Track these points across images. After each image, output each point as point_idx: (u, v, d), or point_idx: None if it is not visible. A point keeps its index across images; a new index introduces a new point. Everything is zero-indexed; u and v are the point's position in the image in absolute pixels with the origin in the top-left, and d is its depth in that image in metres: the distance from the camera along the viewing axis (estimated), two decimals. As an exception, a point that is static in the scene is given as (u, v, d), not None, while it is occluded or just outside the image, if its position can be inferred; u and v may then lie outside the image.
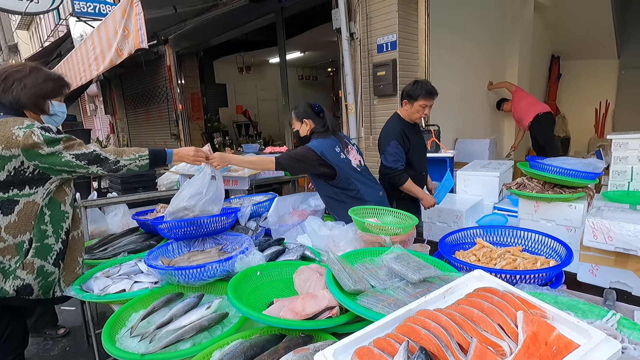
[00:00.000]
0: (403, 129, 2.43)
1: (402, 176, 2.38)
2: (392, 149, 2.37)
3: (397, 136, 2.38)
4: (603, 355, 0.68)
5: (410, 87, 2.40)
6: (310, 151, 2.06)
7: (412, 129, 2.52)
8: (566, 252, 1.32)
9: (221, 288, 1.42)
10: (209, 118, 7.98)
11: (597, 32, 6.63)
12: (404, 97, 2.43)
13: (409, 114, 2.45)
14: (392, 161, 2.37)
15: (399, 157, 2.36)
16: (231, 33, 6.13)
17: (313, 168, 2.10)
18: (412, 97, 2.37)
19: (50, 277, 1.53)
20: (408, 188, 2.41)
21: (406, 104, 2.42)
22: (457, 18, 4.64)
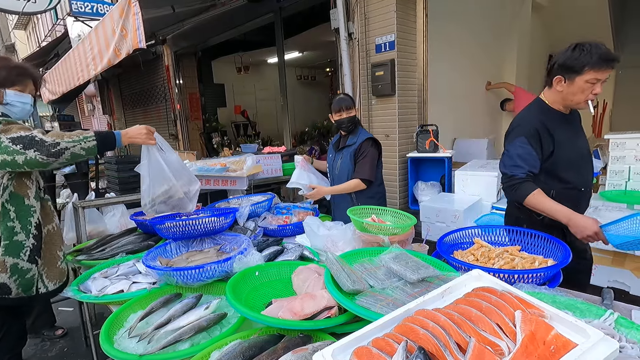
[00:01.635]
0: (544, 121, 1.62)
1: (522, 186, 1.57)
2: (516, 148, 1.62)
3: (529, 130, 1.61)
4: (601, 354, 0.69)
5: (567, 56, 1.53)
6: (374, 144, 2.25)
7: (564, 122, 1.65)
8: (564, 251, 1.33)
9: (220, 288, 1.42)
10: (208, 118, 7.97)
11: (594, 32, 6.63)
12: (556, 72, 1.58)
13: (563, 98, 1.59)
14: (511, 166, 1.62)
15: (523, 161, 1.60)
16: (229, 33, 6.12)
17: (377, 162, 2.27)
18: (572, 70, 1.51)
19: (27, 274, 1.48)
20: (535, 204, 1.55)
21: (559, 81, 1.56)
22: (455, 18, 4.64)
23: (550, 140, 1.60)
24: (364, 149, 2.22)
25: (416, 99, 3.96)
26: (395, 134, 3.80)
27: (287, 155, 3.94)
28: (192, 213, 2.06)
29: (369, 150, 2.21)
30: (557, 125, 1.62)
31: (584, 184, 1.67)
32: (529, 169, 1.59)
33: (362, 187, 2.23)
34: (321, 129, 8.46)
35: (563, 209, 1.49)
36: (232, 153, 5.04)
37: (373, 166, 2.22)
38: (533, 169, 1.60)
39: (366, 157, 2.20)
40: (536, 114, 1.66)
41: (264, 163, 3.10)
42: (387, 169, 3.97)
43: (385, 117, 3.84)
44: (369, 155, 2.20)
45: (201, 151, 7.50)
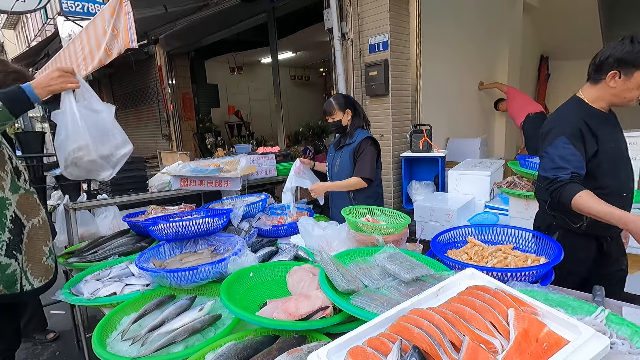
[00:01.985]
0: (586, 119, 1.47)
1: (567, 187, 1.39)
2: (557, 149, 1.46)
3: (571, 130, 1.46)
4: (592, 350, 0.70)
5: (625, 50, 1.37)
6: (373, 143, 2.25)
7: (604, 121, 1.51)
8: (556, 249, 1.34)
9: (214, 289, 1.42)
10: (201, 118, 7.92)
11: (584, 33, 6.73)
12: (610, 67, 1.41)
13: (615, 94, 1.44)
14: (552, 169, 1.45)
15: (567, 162, 1.43)
16: (223, 33, 6.09)
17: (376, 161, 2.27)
18: (632, 64, 1.36)
19: (7, 269, 1.41)
20: (584, 206, 1.34)
21: (613, 77, 1.41)
22: (447, 18, 4.67)
23: (593, 140, 1.46)
24: (363, 147, 2.23)
25: (409, 98, 3.98)
26: (389, 133, 3.81)
27: (281, 156, 3.93)
28: (186, 214, 2.05)
29: (368, 148, 2.22)
30: (599, 124, 1.48)
31: (626, 189, 1.52)
32: (573, 170, 1.41)
33: (362, 186, 2.23)
34: (315, 129, 8.47)
35: (617, 210, 1.31)
36: (226, 153, 5.01)
37: (373, 164, 2.23)
38: (579, 170, 1.42)
39: (366, 155, 2.21)
40: (577, 112, 1.51)
41: (258, 163, 3.08)
42: (382, 169, 3.98)
43: (379, 117, 3.85)
44: (369, 154, 2.21)
45: (194, 152, 7.46)
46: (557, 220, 1.56)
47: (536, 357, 0.70)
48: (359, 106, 2.40)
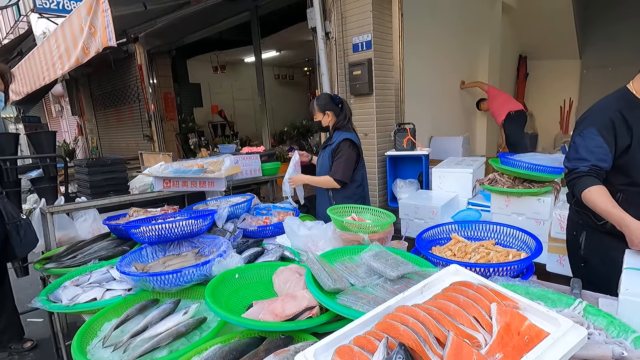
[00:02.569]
0: (623, 110, 1.41)
1: (581, 180, 1.40)
2: (584, 139, 1.43)
3: (603, 121, 1.41)
4: (571, 341, 0.72)
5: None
6: (351, 145, 2.24)
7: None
8: (536, 244, 1.38)
9: (199, 292, 1.39)
10: (183, 118, 7.79)
11: (560, 33, 6.96)
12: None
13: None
14: (574, 159, 1.44)
15: (590, 154, 1.41)
16: (205, 31, 6.01)
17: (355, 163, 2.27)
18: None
19: None
20: (590, 200, 1.37)
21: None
22: (429, 17, 4.74)
23: (627, 133, 1.37)
24: (340, 149, 2.24)
25: (393, 97, 4.02)
26: (374, 132, 3.84)
27: (266, 156, 3.91)
28: (169, 216, 2.01)
29: (345, 150, 2.22)
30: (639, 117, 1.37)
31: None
32: (594, 163, 1.38)
33: (334, 186, 2.25)
34: (300, 129, 8.45)
35: (619, 211, 1.27)
36: (210, 154, 4.94)
37: (347, 167, 2.23)
38: (601, 162, 1.38)
39: (341, 157, 2.22)
40: (614, 103, 1.44)
41: (242, 163, 3.06)
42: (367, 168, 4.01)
43: (364, 116, 3.87)
44: (344, 156, 2.22)
45: (177, 152, 7.33)
46: (582, 217, 1.48)
47: (518, 350, 0.72)
48: (346, 106, 2.38)
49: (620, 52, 6.87)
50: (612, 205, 1.30)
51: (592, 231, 1.44)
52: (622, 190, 1.40)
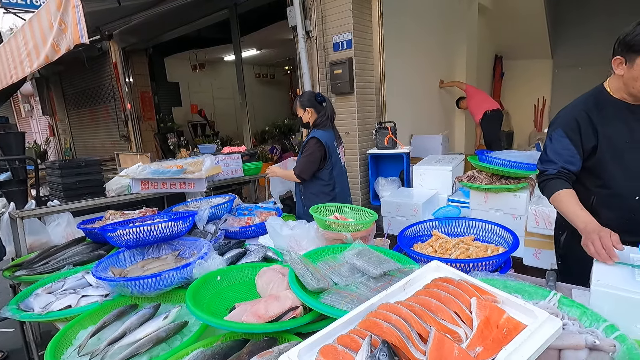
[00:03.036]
0: (590, 110, 1.37)
1: (550, 183, 1.41)
2: (551, 141, 1.46)
3: (567, 121, 1.41)
4: (547, 332, 0.74)
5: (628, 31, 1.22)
6: (317, 143, 2.27)
7: (626, 113, 1.34)
8: (513, 239, 1.42)
9: (179, 296, 1.36)
10: (162, 118, 7.61)
11: (532, 34, 7.19)
12: (616, 52, 1.28)
13: (625, 84, 1.29)
14: (544, 161, 1.47)
15: (557, 156, 1.42)
16: (183, 29, 5.88)
17: (319, 162, 2.29)
18: (632, 49, 1.21)
19: None
20: (557, 205, 1.40)
21: (620, 64, 1.28)
22: (408, 18, 4.80)
23: (592, 133, 1.34)
24: (306, 146, 2.31)
25: (374, 96, 4.05)
26: (355, 131, 3.86)
27: (248, 155, 3.86)
28: (147, 218, 1.96)
29: (309, 148, 2.28)
30: (610, 116, 1.33)
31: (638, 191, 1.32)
32: (562, 165, 1.38)
33: (295, 180, 2.37)
34: (282, 128, 8.40)
35: (583, 215, 1.24)
36: (190, 154, 4.85)
37: (308, 164, 2.29)
38: (569, 165, 1.38)
39: (304, 153, 2.30)
40: (583, 102, 1.40)
41: (223, 163, 3.01)
42: (348, 166, 4.02)
43: (345, 115, 3.89)
44: (307, 152, 2.29)
45: (156, 153, 7.15)
46: (563, 218, 1.43)
47: (497, 343, 0.74)
48: (329, 105, 2.41)
49: (590, 52, 7.16)
50: (578, 208, 1.28)
51: (573, 231, 1.39)
52: (595, 193, 1.38)
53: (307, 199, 2.40)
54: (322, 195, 2.37)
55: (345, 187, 2.51)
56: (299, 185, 2.43)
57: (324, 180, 2.36)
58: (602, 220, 1.26)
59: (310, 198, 2.38)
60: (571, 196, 1.33)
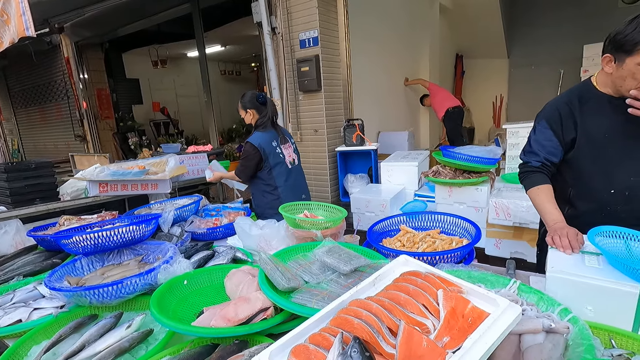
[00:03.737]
0: (573, 102, 1.37)
1: (530, 176, 1.44)
2: (535, 132, 1.45)
3: (551, 112, 1.41)
4: (508, 319, 0.78)
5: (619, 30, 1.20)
6: (251, 147, 2.31)
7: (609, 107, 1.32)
8: (475, 230, 1.48)
9: (144, 303, 1.30)
10: (121, 116, 7.24)
11: (489, 34, 7.54)
12: (606, 50, 1.26)
13: (613, 82, 1.28)
14: (527, 152, 1.48)
15: (541, 148, 1.42)
16: (141, 23, 5.61)
17: (256, 164, 2.34)
18: (622, 49, 1.18)
19: None
20: (532, 200, 1.43)
21: (609, 62, 1.26)
22: (373, 17, 4.87)
23: (573, 125, 1.34)
24: (244, 149, 2.38)
25: (342, 94, 4.08)
26: (324, 128, 3.87)
27: (214, 154, 3.77)
28: (107, 223, 1.85)
29: (244, 152, 2.36)
30: (592, 110, 1.32)
31: (614, 185, 1.33)
32: (545, 156, 1.40)
33: (237, 179, 2.44)
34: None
35: (555, 213, 1.28)
36: (152, 154, 4.65)
37: (244, 167, 2.36)
38: (551, 156, 1.39)
39: (242, 158, 2.38)
40: (567, 95, 1.39)
41: (188, 163, 2.91)
42: (318, 164, 4.04)
43: (313, 112, 3.89)
44: (242, 157, 2.38)
45: (116, 153, 6.80)
46: None
47: (463, 332, 0.76)
48: (270, 106, 2.43)
49: (540, 52, 7.64)
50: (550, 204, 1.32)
51: None
52: (573, 186, 1.40)
53: (255, 197, 2.50)
54: (266, 194, 2.44)
55: (295, 185, 2.50)
56: (250, 186, 2.51)
57: (263, 180, 2.42)
58: (579, 213, 1.31)
59: (257, 196, 2.48)
60: (548, 193, 1.36)
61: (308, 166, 4.11)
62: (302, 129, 4.02)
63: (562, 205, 1.37)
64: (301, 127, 4.01)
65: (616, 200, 1.34)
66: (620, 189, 1.33)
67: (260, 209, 2.46)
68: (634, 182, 1.31)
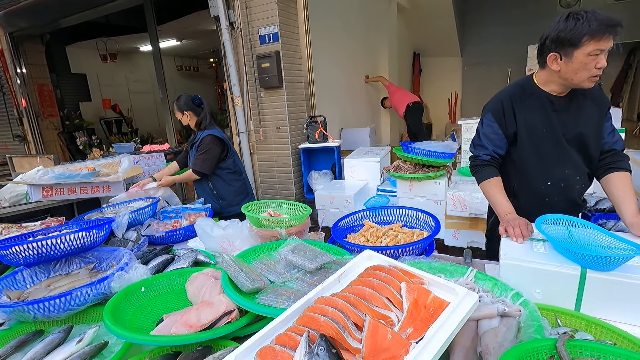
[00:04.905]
0: (514, 96, 1.43)
1: (481, 170, 1.48)
2: (483, 126, 1.50)
3: (495, 106, 1.46)
4: (466, 307, 0.81)
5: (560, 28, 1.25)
6: (214, 139, 2.38)
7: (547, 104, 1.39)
8: (435, 222, 1.54)
9: (97, 314, 1.21)
10: (67, 115, 6.71)
11: (444, 34, 7.87)
12: (549, 49, 1.31)
13: (563, 77, 1.31)
14: (476, 145, 1.53)
15: (489, 141, 1.47)
16: (87, 14, 5.21)
17: (219, 154, 2.42)
18: (569, 43, 1.24)
19: None
20: (484, 193, 1.49)
21: (555, 59, 1.30)
22: (332, 15, 4.89)
23: (513, 119, 1.42)
24: (202, 144, 2.40)
25: (303, 91, 4.06)
26: (286, 126, 3.83)
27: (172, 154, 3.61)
28: (52, 230, 1.71)
29: (206, 145, 2.38)
30: (532, 106, 1.39)
31: (551, 177, 1.43)
32: (493, 149, 1.47)
33: (193, 177, 2.45)
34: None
35: (506, 204, 1.35)
36: (103, 154, 4.37)
37: (208, 159, 2.40)
38: (499, 149, 1.47)
39: (202, 151, 2.39)
40: (510, 89, 1.46)
41: (143, 163, 2.78)
42: (281, 161, 4.00)
43: (275, 109, 3.84)
44: (205, 149, 2.38)
45: (61, 154, 6.30)
46: None
47: (425, 322, 0.79)
48: (207, 107, 2.50)
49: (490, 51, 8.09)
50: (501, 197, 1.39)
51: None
52: (515, 179, 1.48)
53: (219, 191, 2.49)
54: (233, 182, 2.52)
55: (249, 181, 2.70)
56: (207, 183, 2.48)
57: (229, 169, 2.50)
58: (522, 205, 1.39)
59: (222, 188, 2.49)
60: (498, 185, 1.43)
61: (271, 164, 4.06)
62: (264, 126, 3.96)
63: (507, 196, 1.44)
64: (263, 124, 3.95)
65: (553, 192, 1.45)
66: (556, 181, 1.44)
67: (227, 200, 2.51)
68: (568, 174, 1.42)
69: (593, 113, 1.37)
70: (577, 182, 1.45)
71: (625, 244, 1.03)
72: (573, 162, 1.40)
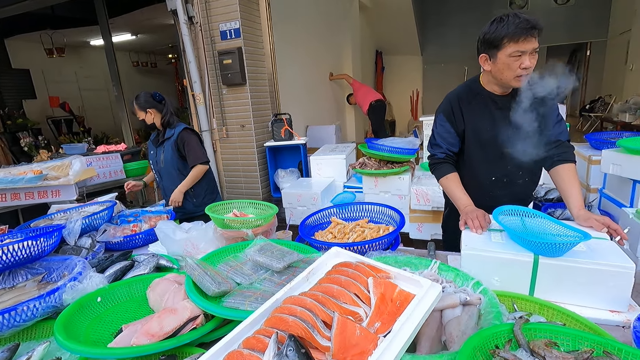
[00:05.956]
0: (461, 96, 1.51)
1: (439, 167, 1.57)
2: (436, 126, 1.58)
3: (446, 106, 1.55)
4: (430, 298, 0.84)
5: (485, 30, 1.36)
6: (192, 132, 2.35)
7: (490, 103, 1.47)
8: (399, 217, 1.57)
9: (47, 329, 1.12)
10: (9, 114, 6.17)
11: (404, 33, 8.09)
12: (479, 52, 1.41)
13: (494, 77, 1.40)
14: (432, 145, 1.60)
15: (443, 140, 1.56)
16: (27, 4, 4.81)
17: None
18: (492, 45, 1.33)
19: None
20: (444, 188, 1.58)
21: (485, 60, 1.39)
22: (295, 12, 4.86)
23: (461, 118, 1.49)
24: (185, 138, 2.32)
25: (267, 88, 4.00)
26: (251, 124, 3.76)
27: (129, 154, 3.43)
28: (-7, 240, 1.56)
29: (189, 137, 2.33)
30: (477, 105, 1.47)
31: (495, 173, 1.52)
32: (447, 148, 1.54)
33: (205, 170, 2.38)
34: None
35: (464, 198, 1.42)
36: (51, 156, 4.05)
37: (201, 148, 2.37)
38: (452, 147, 1.54)
39: (190, 143, 2.32)
40: (459, 89, 1.53)
41: (97, 165, 2.61)
42: (246, 160, 3.93)
43: (239, 107, 3.76)
44: (193, 141, 2.33)
45: (3, 157, 5.78)
46: (446, 197, 1.66)
47: (392, 315, 0.80)
48: (168, 103, 2.42)
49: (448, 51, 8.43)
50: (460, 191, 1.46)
51: (452, 207, 1.61)
52: (464, 175, 1.54)
53: (195, 188, 2.39)
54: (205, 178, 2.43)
55: None
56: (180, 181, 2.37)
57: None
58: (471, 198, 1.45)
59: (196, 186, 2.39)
60: (456, 180, 1.51)
61: (236, 163, 3.97)
62: (227, 124, 3.86)
63: None
64: (227, 122, 3.85)
65: (497, 187, 1.54)
66: (499, 176, 1.52)
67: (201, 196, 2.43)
68: (511, 170, 1.50)
69: (536, 109, 1.41)
70: (520, 177, 1.52)
71: (572, 231, 1.11)
72: (515, 159, 1.44)
